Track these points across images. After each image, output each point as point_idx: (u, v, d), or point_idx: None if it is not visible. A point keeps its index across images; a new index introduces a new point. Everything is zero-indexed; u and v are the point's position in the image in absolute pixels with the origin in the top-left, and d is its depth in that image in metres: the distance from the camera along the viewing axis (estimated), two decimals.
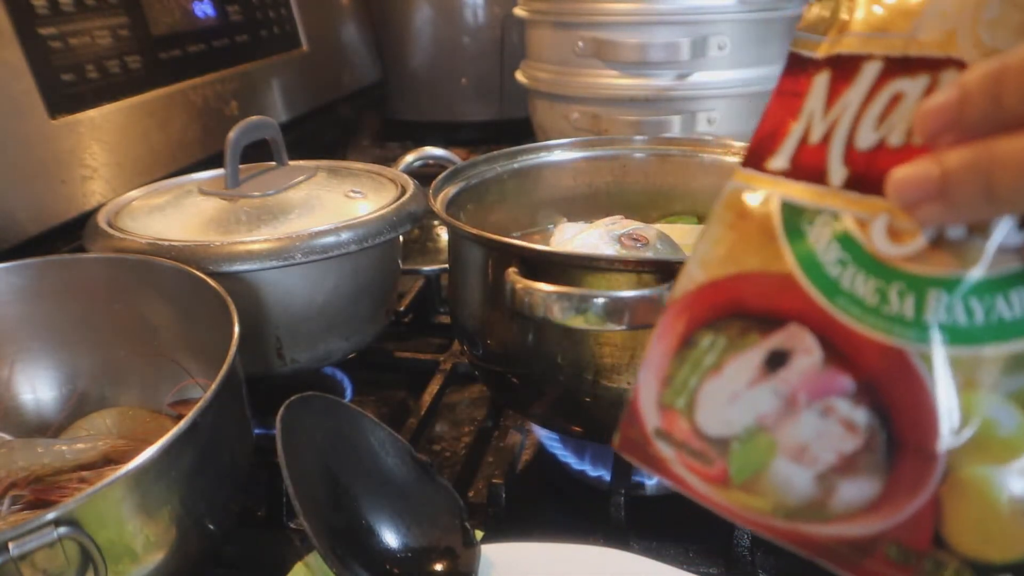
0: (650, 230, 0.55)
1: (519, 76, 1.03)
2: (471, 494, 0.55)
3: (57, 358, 0.55)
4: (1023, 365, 0.24)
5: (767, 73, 0.90)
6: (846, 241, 0.27)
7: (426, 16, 1.35)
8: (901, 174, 0.25)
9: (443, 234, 0.93)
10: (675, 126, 0.88)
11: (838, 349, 0.26)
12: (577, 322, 0.41)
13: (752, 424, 0.28)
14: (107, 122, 0.75)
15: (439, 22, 1.35)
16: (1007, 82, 0.23)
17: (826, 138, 0.28)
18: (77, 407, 0.54)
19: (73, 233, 0.67)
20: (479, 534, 0.44)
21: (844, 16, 0.29)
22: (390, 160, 0.79)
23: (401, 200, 0.62)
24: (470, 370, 0.66)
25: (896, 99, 0.27)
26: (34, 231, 0.66)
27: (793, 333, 0.27)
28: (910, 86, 0.26)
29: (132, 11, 0.81)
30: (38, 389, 0.55)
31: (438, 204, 0.54)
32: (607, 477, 0.53)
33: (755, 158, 0.30)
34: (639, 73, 0.88)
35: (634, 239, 0.54)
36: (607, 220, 0.57)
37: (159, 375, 0.54)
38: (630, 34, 0.87)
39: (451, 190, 0.59)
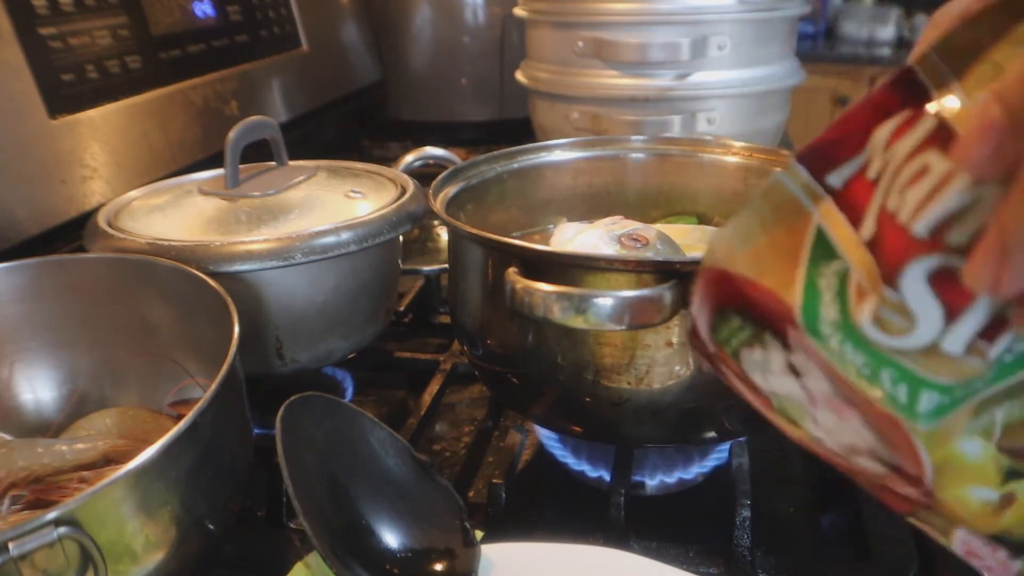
0: (650, 230, 0.55)
1: (519, 76, 1.03)
2: (471, 494, 0.55)
3: (57, 358, 0.55)
4: (986, 408, 0.26)
5: (767, 73, 0.90)
6: (843, 306, 0.26)
7: (426, 16, 1.35)
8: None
9: (443, 234, 0.93)
10: (675, 126, 0.88)
11: (842, 390, 0.27)
12: (577, 322, 0.41)
13: (786, 395, 0.29)
14: (107, 122, 0.75)
15: (439, 22, 1.35)
16: None
17: (877, 180, 0.25)
18: (77, 407, 0.54)
19: (73, 233, 0.67)
20: (479, 534, 0.44)
21: (995, 58, 0.23)
22: (390, 160, 0.79)
23: (401, 200, 0.62)
24: (470, 370, 0.66)
25: (923, 171, 0.24)
26: (34, 231, 0.66)
27: (801, 361, 0.28)
28: (936, 163, 0.23)
29: (132, 11, 0.81)
30: (38, 389, 0.55)
31: (438, 204, 0.54)
32: (607, 477, 0.53)
33: (815, 161, 0.26)
34: (639, 73, 0.88)
35: (634, 239, 0.54)
36: (607, 220, 0.57)
37: (159, 375, 0.54)
38: (630, 34, 0.87)
39: (451, 190, 0.59)
